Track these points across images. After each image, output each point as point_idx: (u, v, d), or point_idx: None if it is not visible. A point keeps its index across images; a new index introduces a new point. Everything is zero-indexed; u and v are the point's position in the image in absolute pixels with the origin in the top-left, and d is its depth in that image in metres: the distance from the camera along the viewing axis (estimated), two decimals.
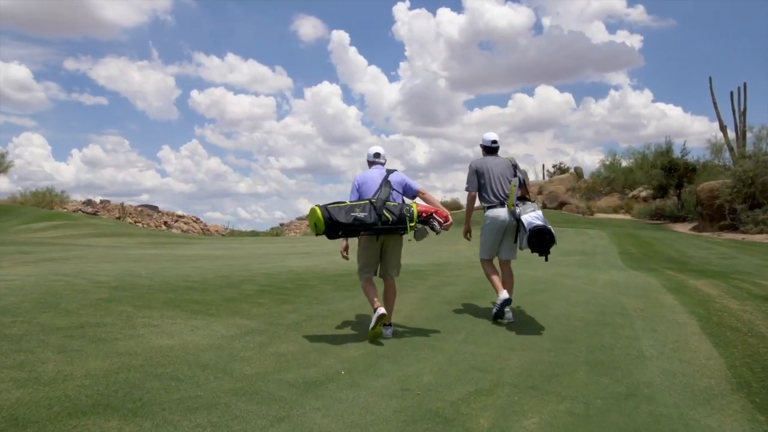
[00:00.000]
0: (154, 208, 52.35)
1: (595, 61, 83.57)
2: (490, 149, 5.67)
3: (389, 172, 4.99)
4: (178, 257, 11.16)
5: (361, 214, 4.48)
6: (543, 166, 43.62)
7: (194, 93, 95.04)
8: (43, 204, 44.23)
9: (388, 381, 3.62)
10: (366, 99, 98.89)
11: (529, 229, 5.05)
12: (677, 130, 78.16)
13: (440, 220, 4.70)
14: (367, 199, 4.67)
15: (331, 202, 4.58)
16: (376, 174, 4.97)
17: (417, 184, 5.01)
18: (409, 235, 4.74)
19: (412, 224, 4.61)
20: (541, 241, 5.07)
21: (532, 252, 5.17)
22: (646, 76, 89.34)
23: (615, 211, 35.35)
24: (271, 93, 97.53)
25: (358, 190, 4.90)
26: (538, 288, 7.02)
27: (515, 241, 5.43)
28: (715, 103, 27.14)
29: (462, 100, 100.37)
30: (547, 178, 41.26)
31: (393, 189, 4.83)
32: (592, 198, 37.38)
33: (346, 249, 5.02)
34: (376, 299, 4.70)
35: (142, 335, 4.25)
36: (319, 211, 4.42)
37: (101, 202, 49.35)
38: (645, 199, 34.88)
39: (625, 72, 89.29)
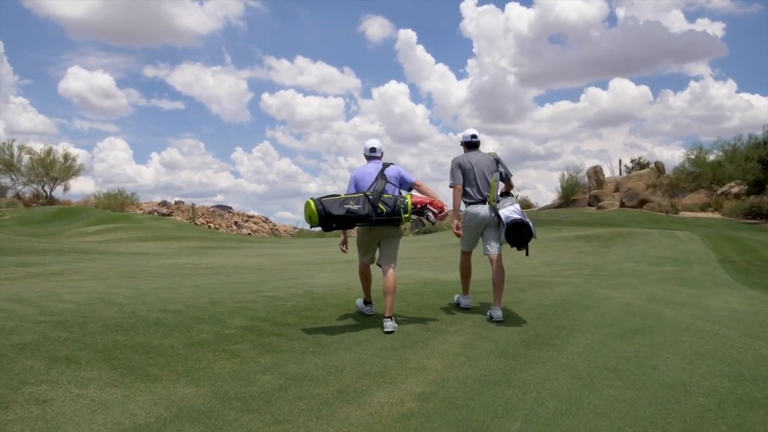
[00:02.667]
0: (227, 209, 53.18)
1: (673, 51, 78.62)
2: (471, 144, 5.57)
3: (385, 165, 5.04)
4: (195, 269, 9.81)
5: (355, 207, 4.56)
6: (620, 161, 40.21)
7: (265, 96, 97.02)
8: (114, 206, 45.06)
9: None
10: (434, 97, 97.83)
11: (506, 223, 5.00)
12: (765, 121, 72.04)
13: (435, 210, 4.81)
14: (363, 192, 4.73)
15: (326, 195, 4.65)
16: (373, 168, 5.03)
17: (412, 176, 5.06)
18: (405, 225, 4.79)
19: (407, 215, 4.68)
20: (518, 235, 5.01)
21: (511, 246, 5.14)
22: (730, 66, 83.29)
23: (702, 209, 31.80)
24: (340, 94, 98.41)
25: (356, 185, 4.99)
26: (632, 326, 5.06)
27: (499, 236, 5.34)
28: None
29: (532, 96, 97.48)
30: (624, 174, 38.01)
31: (388, 182, 4.89)
32: (675, 195, 33.94)
33: (344, 243, 5.24)
34: (368, 292, 5.32)
35: (4, 425, 2.71)
36: (313, 204, 4.49)
37: (175, 203, 50.53)
38: (737, 196, 31.20)
39: (706, 62, 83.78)
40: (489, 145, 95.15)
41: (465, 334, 4.70)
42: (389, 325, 4.73)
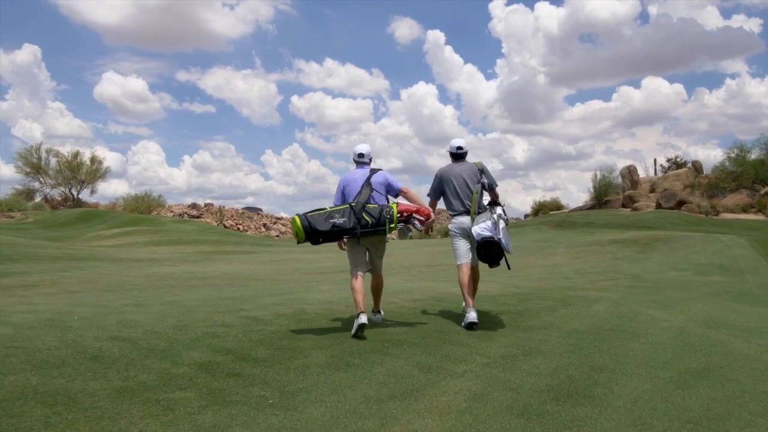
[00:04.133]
0: (257, 210, 53.40)
1: (708, 48, 76.15)
2: (457, 155, 5.54)
3: (373, 172, 5.00)
4: (188, 279, 8.97)
5: (340, 220, 4.59)
6: (655, 161, 38.39)
7: (294, 98, 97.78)
8: (142, 208, 44.99)
9: None
10: (462, 98, 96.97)
11: (477, 241, 4.93)
12: None
13: (421, 218, 4.80)
14: (348, 204, 4.75)
15: (313, 209, 4.69)
16: (360, 175, 4.99)
17: (399, 183, 5.03)
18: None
19: (392, 225, 4.68)
20: (489, 253, 4.92)
21: (483, 262, 5.08)
22: None
23: (744, 210, 29.95)
24: (368, 96, 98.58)
25: (343, 191, 4.99)
26: (693, 365, 3.95)
27: None
28: None
29: (562, 96, 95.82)
30: (660, 174, 36.27)
31: (374, 190, 4.85)
32: (715, 195, 32.12)
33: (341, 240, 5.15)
34: (361, 304, 4.76)
35: None
36: (299, 221, 4.55)
37: (205, 205, 50.77)
38: None
39: (742, 59, 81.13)
40: (519, 146, 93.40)
41: (476, 377, 3.66)
42: (377, 317, 5.30)
